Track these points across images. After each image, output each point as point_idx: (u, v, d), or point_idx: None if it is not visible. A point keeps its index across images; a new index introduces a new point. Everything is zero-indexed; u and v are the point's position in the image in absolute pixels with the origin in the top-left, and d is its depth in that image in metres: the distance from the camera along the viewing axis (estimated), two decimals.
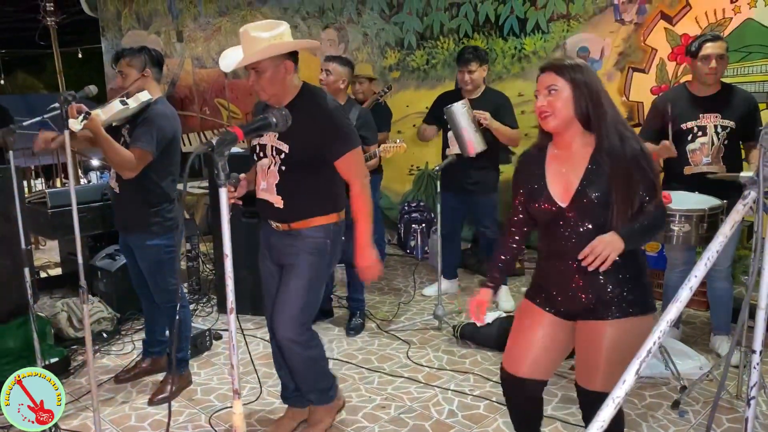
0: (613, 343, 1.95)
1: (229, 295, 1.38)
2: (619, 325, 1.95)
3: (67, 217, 4.52)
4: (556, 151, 2.06)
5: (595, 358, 1.98)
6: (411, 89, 6.06)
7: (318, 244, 2.55)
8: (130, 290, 3.99)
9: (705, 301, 4.22)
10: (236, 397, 1.41)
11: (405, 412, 3.03)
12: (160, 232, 3.07)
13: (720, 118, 3.31)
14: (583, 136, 1.99)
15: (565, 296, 2.02)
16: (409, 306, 4.53)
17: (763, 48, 4.16)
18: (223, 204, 1.39)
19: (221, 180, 1.37)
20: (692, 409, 2.99)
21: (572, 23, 5.04)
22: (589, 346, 2.00)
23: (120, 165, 2.86)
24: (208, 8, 7.52)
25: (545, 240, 2.07)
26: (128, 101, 2.84)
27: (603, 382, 1.98)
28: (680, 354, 3.33)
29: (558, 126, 1.97)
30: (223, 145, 1.39)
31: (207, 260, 5.31)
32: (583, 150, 1.99)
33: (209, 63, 7.67)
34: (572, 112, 1.95)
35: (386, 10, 6.14)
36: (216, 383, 3.39)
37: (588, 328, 2.00)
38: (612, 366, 1.96)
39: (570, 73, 1.94)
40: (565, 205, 1.96)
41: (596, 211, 1.92)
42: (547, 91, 1.96)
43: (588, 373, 2.02)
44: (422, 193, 6.21)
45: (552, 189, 2.00)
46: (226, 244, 1.41)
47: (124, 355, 3.78)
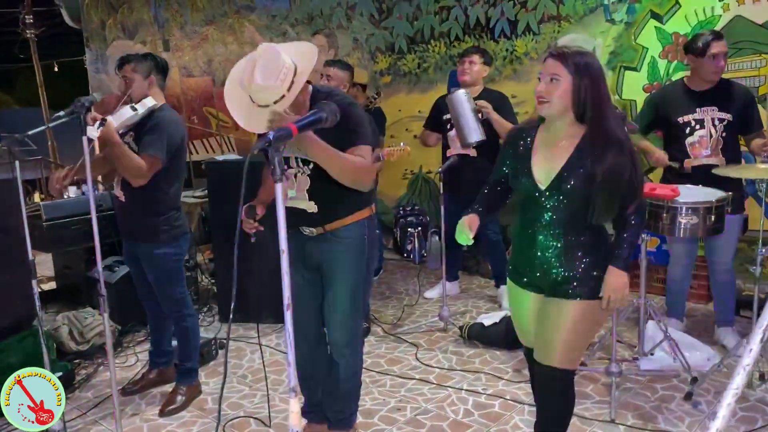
0: (574, 323, 2.08)
1: (285, 291, 1.36)
2: (582, 306, 2.08)
3: (63, 229, 4.51)
4: (544, 134, 2.14)
5: (556, 335, 2.10)
6: (403, 93, 6.07)
7: (356, 242, 2.51)
8: (131, 302, 3.95)
9: (706, 294, 4.29)
10: (293, 395, 1.39)
11: (421, 414, 3.02)
12: (168, 240, 3.03)
13: (717, 111, 3.37)
14: (572, 126, 2.06)
15: (536, 273, 2.15)
16: (413, 309, 4.53)
17: (752, 44, 4.24)
18: (279, 199, 1.38)
19: (277, 175, 1.37)
20: (705, 399, 3.02)
21: (563, 24, 5.09)
22: (552, 322, 2.11)
23: (132, 172, 2.83)
24: (194, 17, 7.48)
25: (521, 216, 2.19)
26: (137, 107, 2.82)
27: (560, 357, 2.11)
28: (688, 346, 3.36)
29: (551, 114, 2.05)
30: (280, 140, 1.38)
31: (205, 270, 5.25)
32: (570, 139, 2.06)
33: (197, 71, 7.61)
34: (569, 102, 2.01)
35: (376, 15, 6.15)
36: (226, 392, 3.35)
37: (553, 305, 2.12)
38: (571, 343, 2.10)
39: (574, 65, 1.99)
40: (543, 188, 2.07)
41: (572, 197, 2.03)
42: (549, 78, 2.01)
43: (547, 348, 2.13)
44: (417, 197, 6.21)
45: (535, 170, 2.09)
46: (282, 240, 1.39)
47: (128, 367, 3.72)
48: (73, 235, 4.48)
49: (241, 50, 7.11)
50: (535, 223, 2.11)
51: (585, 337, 2.16)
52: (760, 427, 2.76)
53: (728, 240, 3.41)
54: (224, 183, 4.25)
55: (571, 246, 2.08)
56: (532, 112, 5.27)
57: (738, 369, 0.92)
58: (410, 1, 5.90)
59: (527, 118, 2.27)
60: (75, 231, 4.50)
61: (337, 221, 2.47)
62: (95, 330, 3.89)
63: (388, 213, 6.26)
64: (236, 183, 2.92)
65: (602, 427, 2.81)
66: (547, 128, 2.13)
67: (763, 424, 2.78)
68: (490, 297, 4.70)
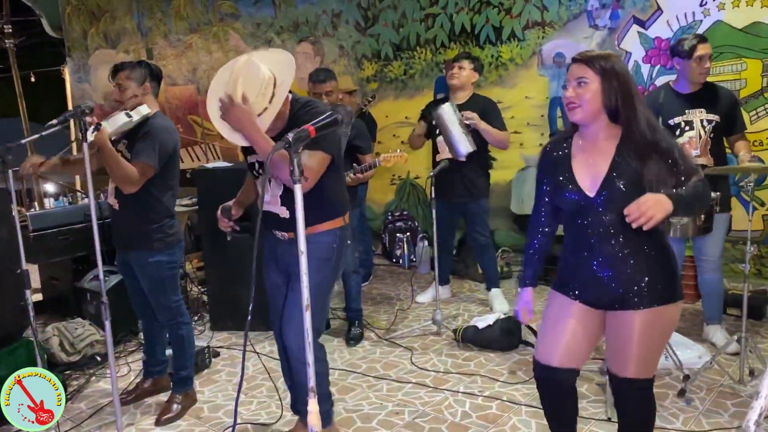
0: (643, 333, 1.99)
1: (304, 291, 1.37)
2: (649, 315, 1.98)
3: (50, 240, 4.46)
4: (581, 142, 2.08)
5: (628, 347, 2.02)
6: (390, 100, 6.11)
7: (324, 248, 2.51)
8: (122, 311, 3.91)
9: (693, 294, 4.35)
10: (311, 395, 1.40)
11: (419, 417, 3.03)
12: (162, 248, 3.01)
13: (705, 113, 3.45)
14: (608, 128, 2.01)
15: (593, 287, 2.04)
16: (405, 314, 4.54)
17: (733, 48, 4.34)
18: (299, 201, 1.39)
19: (296, 177, 1.38)
20: (698, 396, 3.07)
21: (547, 30, 5.17)
22: (621, 335, 2.04)
23: (123, 179, 2.82)
24: (178, 25, 7.45)
25: (571, 232, 2.09)
26: (132, 114, 2.80)
27: (635, 369, 2.03)
28: (679, 345, 3.41)
29: (585, 118, 2.00)
30: (299, 141, 1.40)
31: (194, 279, 5.22)
32: (609, 141, 2.01)
33: (181, 80, 7.58)
34: (600, 104, 1.97)
35: (361, 22, 6.19)
36: (222, 400, 3.33)
37: (618, 318, 2.03)
38: (643, 353, 2.02)
39: (601, 65, 1.96)
40: (593, 195, 1.99)
41: (623, 201, 1.92)
42: (577, 82, 1.98)
43: (620, 361, 2.06)
44: (405, 203, 6.24)
45: (579, 179, 2.02)
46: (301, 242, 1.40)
47: (121, 377, 3.67)
48: (60, 245, 4.43)
49: (225, 58, 7.10)
50: (588, 233, 2.01)
51: (658, 344, 2.06)
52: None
53: (716, 238, 3.48)
54: (214, 190, 4.23)
55: (631, 252, 1.98)
56: (518, 117, 5.34)
57: None
58: (396, 9, 5.95)
59: (559, 133, 2.20)
60: (62, 241, 4.46)
61: (309, 228, 2.36)
62: (86, 341, 3.85)
63: (376, 219, 6.28)
64: (226, 190, 2.97)
65: (599, 426, 2.84)
66: (582, 134, 2.08)
67: None
68: (482, 300, 4.73)
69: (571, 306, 2.11)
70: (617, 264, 1.98)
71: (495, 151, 5.15)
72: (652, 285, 1.98)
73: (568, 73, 2.03)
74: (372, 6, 6.08)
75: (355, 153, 3.88)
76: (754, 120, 4.29)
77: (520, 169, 5.49)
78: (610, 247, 1.98)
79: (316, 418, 1.39)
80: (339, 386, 3.39)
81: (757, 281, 4.34)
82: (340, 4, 6.26)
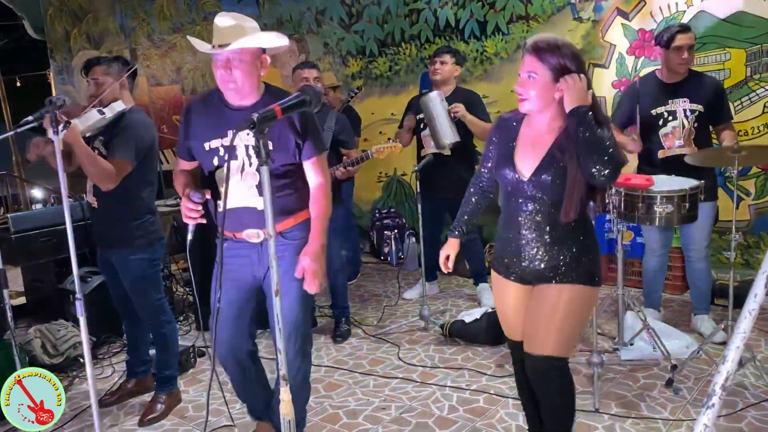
0: (565, 306, 2.07)
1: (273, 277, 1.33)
2: (572, 290, 2.07)
3: (32, 241, 4.39)
4: (527, 125, 2.14)
5: (549, 321, 2.08)
6: (375, 96, 6.07)
7: (303, 244, 2.33)
8: (105, 313, 3.87)
9: (681, 285, 4.36)
10: (284, 383, 1.36)
11: (406, 412, 3.00)
12: (143, 245, 2.97)
13: (689, 102, 3.44)
14: (555, 121, 2.06)
15: (522, 263, 2.13)
16: (392, 310, 4.51)
17: (716, 38, 4.34)
18: (265, 183, 1.35)
19: (262, 158, 1.34)
20: (685, 386, 3.05)
21: (531, 24, 5.15)
22: (543, 308, 2.10)
23: (99, 176, 2.76)
24: (161, 25, 7.39)
25: (505, 208, 2.18)
26: (105, 110, 2.75)
27: (554, 345, 2.07)
28: (667, 335, 3.40)
29: (532, 110, 2.06)
30: (265, 122, 1.36)
31: (180, 279, 5.16)
32: (552, 134, 2.06)
33: (165, 80, 7.52)
34: (549, 98, 2.00)
35: (346, 19, 6.15)
36: (206, 399, 3.28)
37: (542, 291, 2.12)
38: (564, 330, 2.08)
39: (550, 60, 1.97)
40: (526, 179, 2.07)
41: (553, 189, 2.03)
42: (527, 75, 2.01)
43: (539, 337, 2.10)
44: (393, 200, 6.21)
45: (518, 160, 2.10)
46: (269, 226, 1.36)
47: (104, 379, 3.63)
48: (42, 247, 4.37)
49: (209, 57, 7.03)
50: (519, 214, 2.11)
51: (577, 322, 2.13)
52: (740, 409, 2.81)
53: (702, 227, 3.47)
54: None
55: (557, 235, 2.06)
56: (504, 111, 5.32)
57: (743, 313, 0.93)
58: (380, 5, 5.92)
59: (512, 110, 2.23)
60: (44, 243, 4.39)
61: (286, 221, 2.31)
62: (69, 342, 3.79)
63: (363, 217, 6.25)
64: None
65: (587, 417, 2.82)
66: (530, 122, 2.13)
67: (743, 406, 2.83)
68: (470, 295, 4.70)
69: (508, 286, 2.21)
70: (542, 244, 2.08)
71: (481, 146, 5.13)
72: (574, 264, 2.07)
73: (521, 62, 2.05)
74: (356, 2, 6.04)
75: (339, 147, 3.85)
76: (739, 110, 4.29)
77: None
78: (538, 228, 2.08)
79: (289, 407, 1.35)
80: (325, 383, 3.35)
81: (744, 271, 4.34)
82: (324, 1, 6.22)
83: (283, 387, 1.37)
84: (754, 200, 4.38)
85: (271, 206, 1.39)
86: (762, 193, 4.34)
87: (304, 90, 1.59)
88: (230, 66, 2.17)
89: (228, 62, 2.17)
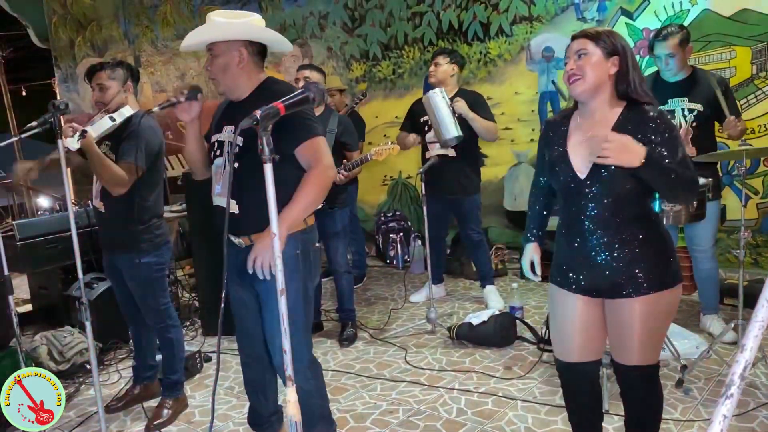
0: (644, 320, 1.93)
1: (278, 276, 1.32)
2: (649, 301, 1.92)
3: (38, 248, 4.40)
4: (579, 120, 2.00)
5: (629, 336, 1.96)
6: (379, 99, 6.07)
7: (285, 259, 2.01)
8: (111, 319, 3.86)
9: (690, 285, 4.31)
10: (290, 384, 1.35)
11: (414, 415, 2.98)
12: (150, 249, 2.97)
13: (687, 102, 3.41)
14: (609, 105, 1.94)
15: (589, 273, 1.97)
16: (399, 313, 4.49)
17: (721, 36, 4.32)
18: (269, 180, 1.33)
19: (266, 155, 1.32)
20: (696, 386, 3.02)
21: (535, 24, 5.15)
22: (622, 324, 1.97)
23: (112, 182, 2.78)
24: (165, 32, 7.41)
25: (566, 214, 2.02)
26: (115, 116, 2.77)
27: (639, 356, 1.99)
28: (677, 335, 3.37)
29: (586, 90, 1.91)
30: (267, 119, 1.35)
31: (185, 285, 5.16)
32: (607, 117, 1.93)
33: (169, 87, 7.54)
34: (602, 77, 1.90)
35: (349, 23, 6.15)
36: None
37: (618, 307, 1.97)
38: (645, 340, 1.97)
39: (601, 38, 1.91)
40: (583, 176, 1.92)
41: (616, 182, 1.86)
42: (577, 55, 1.92)
43: (624, 350, 2.01)
44: (398, 203, 6.20)
45: (573, 159, 1.95)
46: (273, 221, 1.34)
47: (111, 384, 3.62)
48: (48, 254, 4.37)
49: None
50: (581, 217, 1.94)
51: (659, 330, 2.02)
52: (752, 408, 2.77)
53: (708, 226, 3.43)
54: (203, 193, 4.17)
55: (626, 237, 1.91)
56: (508, 113, 5.32)
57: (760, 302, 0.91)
58: (382, 8, 5.92)
59: (561, 110, 2.14)
60: (50, 250, 4.40)
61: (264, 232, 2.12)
62: (75, 349, 3.79)
63: (369, 220, 6.23)
64: None
65: None
66: (581, 112, 2.00)
67: (755, 406, 2.79)
68: (476, 298, 4.68)
69: (573, 301, 2.03)
70: (613, 249, 1.92)
71: (486, 148, 5.13)
72: (649, 271, 1.92)
73: (567, 51, 1.97)
74: (359, 6, 6.05)
75: (342, 150, 3.84)
76: (745, 108, 4.26)
77: (512, 165, 5.45)
78: (604, 231, 1.91)
79: (295, 407, 1.34)
80: (332, 387, 3.33)
81: (753, 270, 4.31)
82: (327, 6, 6.23)
83: (289, 388, 1.35)
84: (761, 199, 4.35)
85: (275, 204, 1.38)
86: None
87: (308, 87, 1.57)
88: (210, 60, 2.24)
89: (210, 56, 2.24)
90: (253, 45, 2.24)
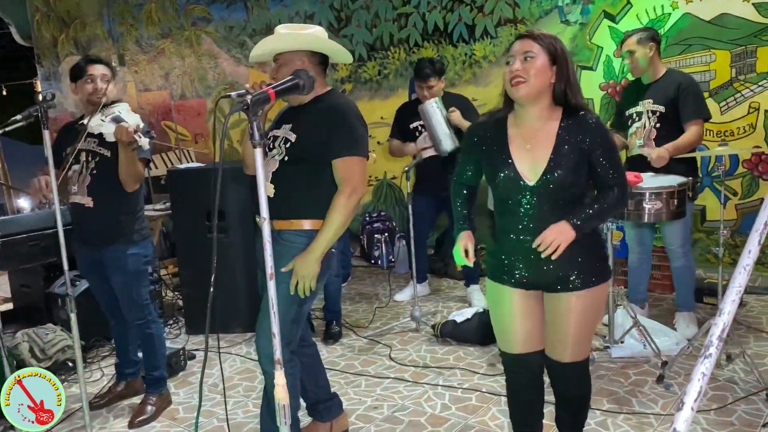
0: (580, 315, 2.01)
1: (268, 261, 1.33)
2: (585, 296, 1.99)
3: (19, 246, 4.35)
4: (518, 126, 2.00)
5: (564, 331, 2.02)
6: (365, 100, 6.08)
7: (299, 249, 2.30)
8: (94, 316, 3.82)
9: (669, 285, 4.38)
10: (278, 368, 1.36)
11: (398, 411, 3.00)
12: (139, 240, 3.01)
13: (652, 103, 3.48)
14: (549, 110, 1.95)
15: (529, 269, 2.00)
16: (383, 312, 4.50)
17: (702, 40, 4.39)
18: (259, 163, 1.34)
19: (256, 140, 1.33)
20: (676, 381, 3.07)
21: (519, 27, 5.19)
22: (558, 319, 2.03)
23: (135, 177, 2.86)
24: (149, 30, 7.37)
25: (506, 215, 2.02)
26: (122, 116, 2.81)
27: (572, 353, 2.05)
28: (657, 332, 3.43)
29: (529, 94, 1.89)
30: (258, 104, 1.36)
31: (169, 284, 5.13)
32: (548, 125, 1.95)
33: (154, 86, 7.50)
34: (546, 81, 1.89)
35: (334, 23, 6.17)
36: (197, 401, 3.26)
37: (556, 301, 2.03)
38: (580, 336, 2.04)
39: (546, 41, 1.91)
40: (532, 183, 1.93)
41: (562, 189, 1.92)
42: (523, 57, 1.89)
43: (557, 345, 2.07)
44: (383, 203, 6.21)
45: (519, 166, 1.95)
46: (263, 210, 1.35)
47: (93, 382, 3.59)
48: (30, 251, 4.32)
49: (198, 63, 7.04)
50: (523, 219, 1.96)
51: (592, 325, 2.08)
52: (730, 403, 2.83)
53: (679, 226, 3.49)
54: (187, 191, 4.18)
55: None
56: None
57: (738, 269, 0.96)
58: (368, 9, 5.94)
59: (486, 112, 2.15)
60: (32, 247, 4.35)
61: (289, 221, 2.31)
62: (57, 346, 3.75)
63: (354, 220, 6.22)
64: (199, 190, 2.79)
65: None
66: (519, 116, 1.98)
67: (732, 400, 2.85)
68: (460, 297, 4.71)
69: (511, 294, 2.06)
70: None
71: None
72: (588, 267, 1.99)
73: (511, 50, 1.94)
74: (345, 7, 6.07)
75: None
76: (725, 110, 4.34)
77: None
78: (543, 229, 1.93)
79: (283, 391, 1.35)
80: None
81: (732, 270, 4.37)
82: (313, 6, 6.24)
83: (278, 371, 1.36)
84: (740, 200, 4.42)
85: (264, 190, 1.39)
86: (748, 193, 4.38)
87: (298, 74, 1.59)
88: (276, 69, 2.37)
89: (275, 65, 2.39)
90: (315, 56, 2.36)
